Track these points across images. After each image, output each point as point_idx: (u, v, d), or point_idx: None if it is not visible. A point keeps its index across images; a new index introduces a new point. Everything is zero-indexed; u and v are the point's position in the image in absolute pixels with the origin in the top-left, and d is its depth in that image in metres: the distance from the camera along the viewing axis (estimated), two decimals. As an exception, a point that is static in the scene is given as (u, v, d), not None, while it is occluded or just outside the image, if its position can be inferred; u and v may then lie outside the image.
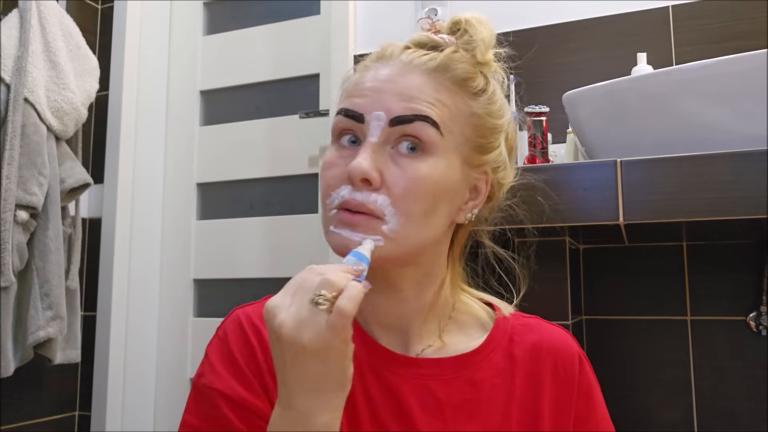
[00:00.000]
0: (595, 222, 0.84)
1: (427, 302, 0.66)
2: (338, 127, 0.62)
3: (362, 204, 0.58)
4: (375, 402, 0.62)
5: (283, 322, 0.49)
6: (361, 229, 0.58)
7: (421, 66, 0.62)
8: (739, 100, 0.84)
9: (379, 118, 0.59)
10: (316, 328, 0.48)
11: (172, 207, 1.79)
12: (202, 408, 0.62)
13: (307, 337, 0.48)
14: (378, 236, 0.58)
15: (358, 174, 0.57)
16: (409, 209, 0.58)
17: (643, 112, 0.91)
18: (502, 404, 0.64)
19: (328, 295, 0.49)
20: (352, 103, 0.61)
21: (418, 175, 0.59)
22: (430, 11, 1.48)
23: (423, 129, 0.59)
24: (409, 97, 0.60)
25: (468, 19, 0.67)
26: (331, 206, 0.60)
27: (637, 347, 1.17)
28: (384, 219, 0.58)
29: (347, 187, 0.59)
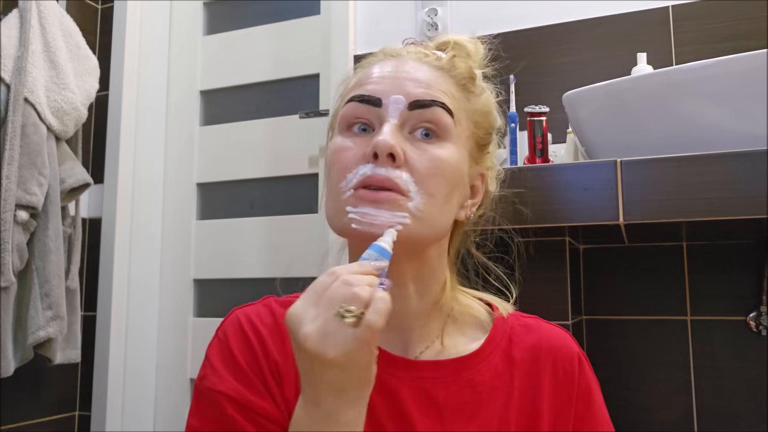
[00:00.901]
0: (595, 222, 0.84)
1: (430, 303, 0.65)
2: (349, 114, 0.62)
3: (388, 178, 0.57)
4: (373, 404, 0.62)
5: (308, 335, 0.48)
6: (386, 205, 0.57)
7: (430, 63, 0.64)
8: (739, 100, 0.84)
9: (398, 101, 0.59)
10: (343, 342, 0.47)
11: (172, 207, 1.79)
12: (207, 411, 0.61)
13: (332, 351, 0.47)
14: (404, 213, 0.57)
15: (386, 147, 0.57)
16: (432, 189, 0.59)
17: (643, 112, 0.91)
18: (501, 406, 0.63)
19: (356, 311, 0.47)
20: (367, 89, 0.61)
21: (438, 157, 0.59)
22: (430, 11, 1.48)
23: (440, 115, 0.60)
24: (425, 84, 0.61)
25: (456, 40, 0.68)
26: (346, 187, 0.58)
27: (637, 347, 1.17)
28: (409, 196, 0.57)
29: (368, 165, 0.58)
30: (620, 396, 1.16)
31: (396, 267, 0.61)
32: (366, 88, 0.62)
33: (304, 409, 0.52)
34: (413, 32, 1.50)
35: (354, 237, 0.59)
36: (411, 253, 0.61)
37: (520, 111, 1.24)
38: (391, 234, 0.56)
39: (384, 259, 0.53)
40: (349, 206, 0.58)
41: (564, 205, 0.85)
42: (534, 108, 1.13)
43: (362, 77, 0.64)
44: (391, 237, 0.55)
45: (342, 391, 0.50)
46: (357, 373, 0.50)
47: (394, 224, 0.56)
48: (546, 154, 1.11)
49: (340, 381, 0.49)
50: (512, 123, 1.19)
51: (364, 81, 0.63)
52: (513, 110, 1.22)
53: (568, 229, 0.92)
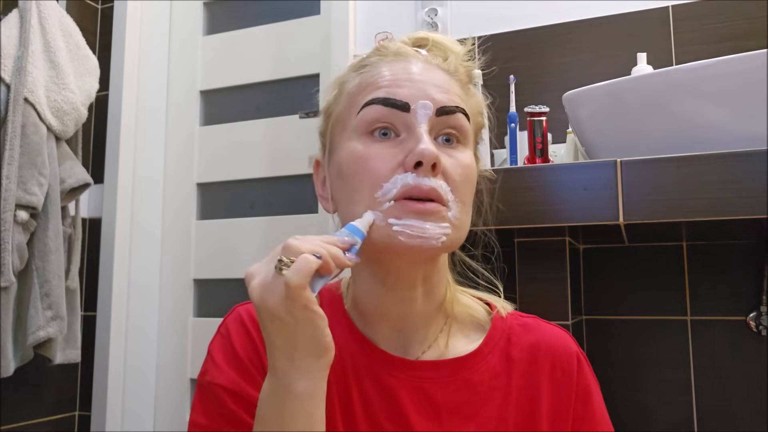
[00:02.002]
0: (595, 222, 0.84)
1: (434, 304, 0.65)
2: (371, 118, 0.59)
3: (433, 189, 0.56)
4: (371, 404, 0.62)
5: (252, 287, 0.51)
6: (432, 217, 0.56)
7: (439, 65, 0.64)
8: (739, 100, 0.84)
9: (426, 107, 0.58)
10: (278, 294, 0.49)
11: (172, 207, 1.79)
12: (209, 406, 0.62)
13: (271, 302, 0.50)
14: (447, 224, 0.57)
15: (432, 158, 0.55)
16: (464, 196, 0.59)
17: (643, 112, 0.91)
18: (499, 406, 0.63)
19: (286, 260, 0.49)
20: (390, 92, 0.59)
21: (466, 164, 0.60)
22: (430, 11, 1.48)
23: (462, 121, 0.61)
24: (446, 90, 0.61)
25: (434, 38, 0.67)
26: (385, 198, 0.56)
27: (637, 347, 1.17)
28: (448, 205, 0.57)
29: (407, 174, 0.56)
30: (620, 396, 1.16)
31: (410, 271, 0.62)
32: (388, 90, 0.59)
33: (266, 381, 0.54)
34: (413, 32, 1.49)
35: (399, 250, 0.56)
36: (429, 259, 0.61)
37: (520, 111, 1.24)
38: (369, 216, 0.56)
39: (356, 237, 0.54)
40: (391, 218, 0.56)
41: (564, 205, 0.85)
42: (534, 108, 1.12)
43: (373, 79, 0.61)
44: (368, 219, 0.56)
45: (293, 356, 0.51)
46: (301, 331, 0.50)
47: (440, 236, 0.56)
48: (546, 154, 1.11)
49: (288, 340, 0.51)
50: (512, 123, 1.19)
51: (378, 83, 0.61)
52: (513, 110, 1.21)
53: (568, 229, 0.92)
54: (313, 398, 0.52)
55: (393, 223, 0.55)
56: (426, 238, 0.55)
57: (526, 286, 0.95)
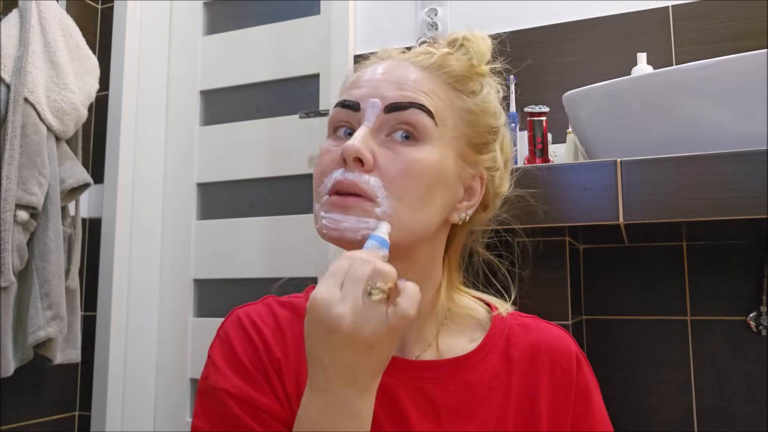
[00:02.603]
0: (595, 222, 0.84)
1: (425, 304, 0.65)
2: (334, 119, 0.63)
3: (354, 183, 0.57)
4: None
5: (341, 316, 0.47)
6: (353, 211, 0.57)
7: (417, 63, 0.64)
8: (739, 100, 0.84)
9: (374, 105, 0.60)
10: (377, 322, 0.48)
11: (172, 207, 1.79)
12: (212, 410, 0.61)
13: (366, 331, 0.48)
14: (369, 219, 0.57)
15: (352, 152, 0.57)
16: (402, 193, 0.58)
17: (643, 112, 0.91)
18: (499, 406, 0.63)
19: (383, 287, 0.48)
20: (349, 94, 0.62)
21: (412, 159, 0.59)
22: (430, 11, 1.48)
23: (418, 116, 0.60)
24: (404, 86, 0.61)
25: (465, 35, 0.67)
26: (323, 192, 0.60)
27: (637, 347, 1.17)
28: (376, 201, 0.57)
29: (339, 169, 0.59)
30: (620, 396, 1.16)
31: None
32: (350, 92, 0.62)
33: (312, 399, 0.51)
34: (413, 32, 1.50)
35: (329, 241, 0.59)
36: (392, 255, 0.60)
37: (520, 111, 1.24)
38: (386, 225, 0.56)
39: (384, 249, 0.54)
40: (322, 212, 0.59)
41: (564, 205, 0.85)
42: (534, 108, 1.12)
43: (349, 82, 0.65)
44: (387, 228, 0.56)
45: (357, 377, 0.50)
46: (383, 356, 0.50)
47: (360, 230, 0.56)
48: (546, 154, 1.11)
49: (360, 364, 0.49)
50: (512, 123, 1.19)
51: (351, 85, 0.64)
52: (513, 110, 1.21)
53: (568, 229, 0.92)
54: (370, 411, 0.52)
55: (323, 216, 0.58)
56: (341, 231, 0.57)
57: (526, 286, 0.95)
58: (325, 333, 0.48)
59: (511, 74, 1.25)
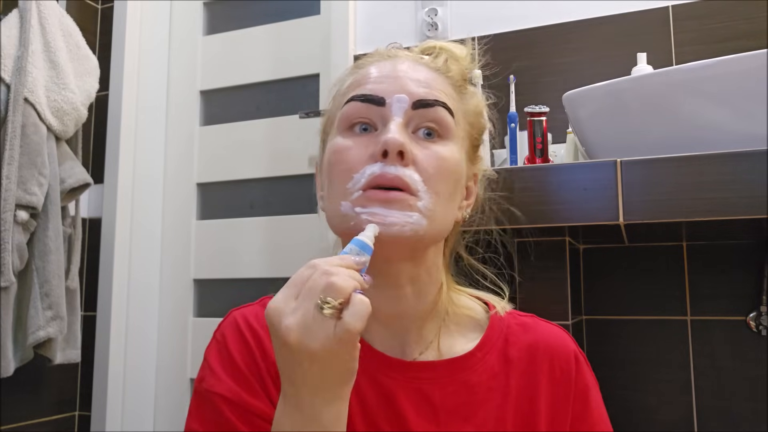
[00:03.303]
0: (595, 222, 0.84)
1: (427, 304, 0.65)
2: (352, 114, 0.61)
3: (398, 177, 0.56)
4: (369, 405, 0.62)
5: (289, 328, 0.47)
6: (397, 205, 0.56)
7: (427, 64, 0.64)
8: (739, 100, 0.84)
9: (401, 101, 0.59)
10: (324, 336, 0.46)
11: (172, 207, 1.79)
12: (205, 413, 0.61)
13: (314, 345, 0.47)
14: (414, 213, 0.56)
15: (396, 145, 0.56)
16: (439, 188, 0.58)
17: (643, 112, 0.91)
18: (497, 407, 0.63)
19: (334, 303, 0.47)
20: (368, 89, 0.61)
21: (443, 156, 0.60)
22: (430, 11, 1.48)
23: (443, 114, 0.61)
24: (426, 84, 0.61)
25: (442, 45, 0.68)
26: (354, 188, 0.57)
27: (637, 347, 1.17)
28: (418, 195, 0.57)
29: (376, 164, 0.57)
30: (620, 396, 1.16)
31: (393, 268, 0.61)
32: (367, 87, 0.61)
33: (284, 412, 0.51)
34: (413, 32, 1.50)
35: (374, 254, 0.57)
36: (411, 254, 0.60)
37: (520, 111, 1.24)
38: (373, 229, 0.55)
39: (365, 254, 0.52)
40: (358, 207, 0.57)
41: (564, 205, 0.85)
42: (534, 108, 1.12)
43: (360, 78, 0.63)
44: (373, 232, 0.55)
45: (322, 388, 0.49)
46: (338, 368, 0.49)
47: (406, 224, 0.56)
48: (546, 154, 1.11)
49: (320, 376, 0.48)
50: (512, 123, 1.19)
51: (363, 81, 0.62)
52: (513, 110, 1.21)
53: (568, 229, 0.92)
54: (340, 421, 0.51)
55: (359, 212, 0.56)
56: (387, 225, 0.55)
57: (526, 286, 0.95)
58: (278, 344, 0.48)
59: (512, 74, 1.25)
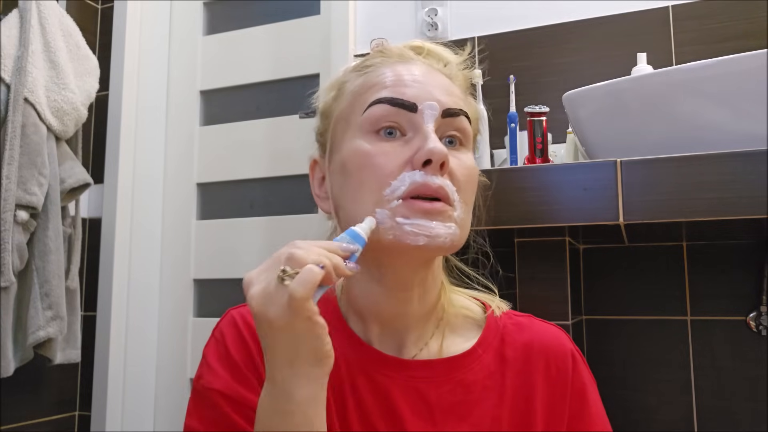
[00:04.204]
0: (595, 222, 0.84)
1: (429, 305, 0.66)
2: (380, 117, 0.59)
3: (441, 187, 0.56)
4: (365, 404, 0.62)
5: (252, 296, 0.50)
6: (439, 217, 0.56)
7: (440, 70, 0.65)
8: (739, 100, 0.84)
9: (433, 108, 0.59)
10: (280, 304, 0.48)
11: (172, 207, 1.79)
12: (204, 410, 0.62)
13: (272, 313, 0.48)
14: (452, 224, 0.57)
15: (442, 156, 0.56)
16: (468, 197, 0.60)
17: (643, 112, 0.91)
18: (493, 406, 0.63)
19: (290, 271, 0.48)
20: (398, 92, 0.60)
21: (469, 165, 0.61)
22: (430, 11, 1.48)
23: (465, 123, 0.62)
24: (450, 92, 0.62)
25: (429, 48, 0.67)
26: (392, 196, 0.56)
27: (637, 347, 1.17)
28: (454, 205, 0.58)
29: (416, 171, 0.56)
30: (620, 396, 1.16)
31: (410, 273, 0.62)
32: (396, 91, 0.60)
33: (265, 387, 0.53)
34: (413, 32, 1.50)
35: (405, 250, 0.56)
36: (427, 261, 0.61)
37: (520, 111, 1.24)
38: (370, 222, 0.55)
39: (357, 244, 0.53)
40: (399, 217, 0.56)
41: (564, 205, 0.85)
42: (534, 108, 1.13)
43: (378, 79, 0.62)
44: (369, 225, 0.55)
45: (293, 364, 0.50)
46: (302, 341, 0.50)
47: (447, 236, 0.56)
48: (546, 154, 1.11)
49: (289, 350, 0.50)
50: (512, 123, 1.19)
51: (385, 83, 0.61)
52: (513, 110, 1.21)
53: (568, 229, 0.92)
54: (315, 405, 0.51)
55: (402, 222, 0.56)
56: (432, 237, 0.56)
57: (526, 286, 0.95)
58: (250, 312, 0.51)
59: (512, 74, 1.25)
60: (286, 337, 0.49)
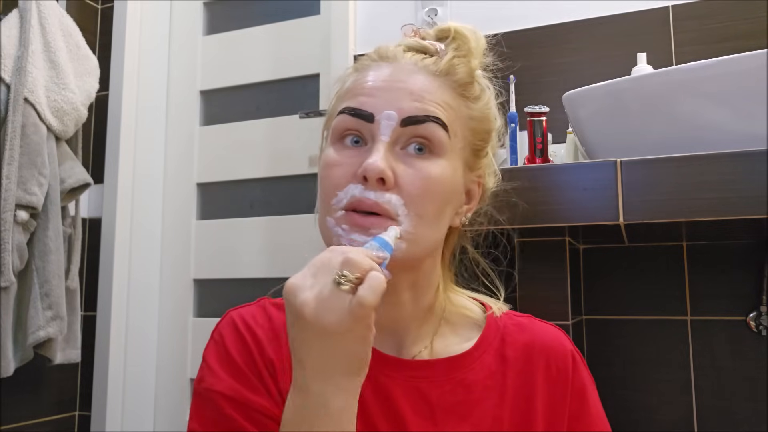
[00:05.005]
0: (595, 222, 0.84)
1: (424, 307, 0.65)
2: (341, 126, 0.60)
3: (376, 203, 0.56)
4: (366, 404, 0.62)
5: (305, 302, 0.47)
6: (373, 230, 0.56)
7: (426, 68, 0.62)
8: (739, 100, 0.84)
9: (390, 118, 0.58)
10: (339, 310, 0.47)
11: (172, 207, 1.79)
12: (206, 413, 0.61)
13: (329, 319, 0.47)
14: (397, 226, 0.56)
15: (376, 173, 0.56)
16: (423, 210, 0.58)
17: (643, 112, 0.91)
18: (494, 406, 0.63)
19: (350, 276, 0.47)
20: (359, 102, 0.60)
21: (430, 176, 0.58)
22: (430, 11, 1.48)
23: (434, 130, 0.59)
24: (419, 97, 0.59)
25: (457, 29, 0.65)
26: (337, 206, 0.58)
27: (637, 347, 1.17)
28: (397, 220, 0.57)
29: (357, 185, 0.57)
30: (620, 396, 1.16)
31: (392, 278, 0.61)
32: (359, 100, 0.60)
33: (293, 398, 0.51)
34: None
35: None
36: (403, 268, 0.60)
37: (520, 111, 1.24)
38: (395, 230, 0.55)
39: (386, 251, 0.53)
40: (339, 228, 0.58)
41: (564, 205, 0.85)
42: (534, 108, 1.12)
43: (356, 84, 0.62)
44: (395, 233, 0.55)
45: (330, 373, 0.49)
46: (353, 349, 0.49)
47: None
48: (546, 154, 1.11)
49: (330, 357, 0.48)
50: (512, 123, 1.19)
51: (358, 90, 0.61)
52: (513, 110, 1.21)
53: (568, 229, 0.92)
54: (348, 414, 0.50)
55: (340, 234, 0.57)
56: None
57: (526, 286, 0.95)
58: (293, 320, 0.49)
59: (511, 74, 1.25)
60: (337, 346, 0.48)
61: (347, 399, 0.50)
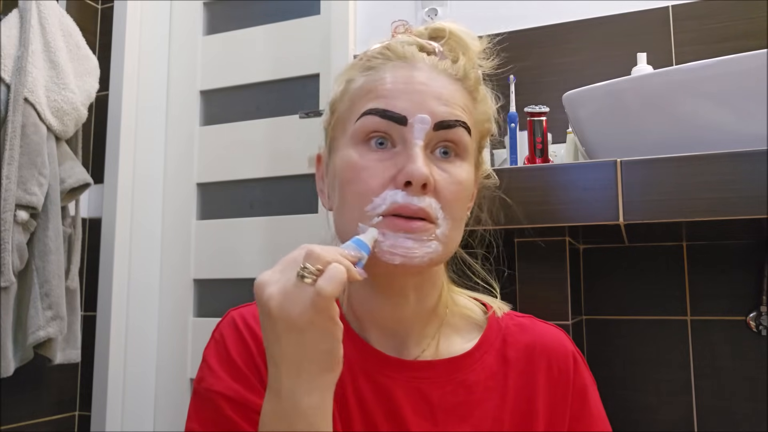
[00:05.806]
0: (595, 222, 0.84)
1: (428, 308, 0.66)
2: (368, 128, 0.59)
3: (421, 209, 0.56)
4: (367, 404, 0.62)
5: (270, 296, 0.48)
6: (419, 235, 0.56)
7: (446, 71, 0.62)
8: (739, 100, 0.84)
9: (424, 122, 0.58)
10: (302, 303, 0.48)
11: (172, 207, 1.79)
12: (205, 413, 0.61)
13: (293, 311, 0.48)
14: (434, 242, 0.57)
15: (422, 179, 0.55)
16: (455, 213, 0.59)
17: (643, 112, 0.91)
18: (495, 406, 0.63)
19: (311, 268, 0.48)
20: (389, 104, 0.59)
21: (461, 179, 0.59)
22: (430, 11, 1.48)
23: (462, 135, 0.60)
24: (447, 102, 0.60)
25: (452, 30, 0.66)
26: (374, 212, 0.57)
27: (637, 347, 1.17)
28: (437, 223, 0.57)
29: (397, 191, 0.56)
30: (620, 396, 1.16)
31: (399, 281, 0.62)
32: (388, 102, 0.59)
33: (267, 398, 0.52)
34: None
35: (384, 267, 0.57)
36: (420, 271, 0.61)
37: (520, 111, 1.24)
38: (373, 232, 0.56)
39: (363, 252, 0.53)
40: (379, 235, 0.56)
41: (564, 205, 0.85)
42: (534, 108, 1.12)
43: (376, 84, 0.61)
44: (372, 235, 0.55)
45: (301, 370, 0.49)
46: (319, 343, 0.49)
47: (426, 255, 0.56)
48: (546, 154, 1.11)
49: (299, 351, 0.49)
50: (512, 123, 1.19)
51: (381, 91, 0.60)
52: (513, 110, 1.21)
53: (568, 229, 0.92)
54: (321, 413, 0.50)
55: (380, 240, 0.56)
56: (409, 258, 0.56)
57: (526, 286, 0.95)
58: (263, 317, 0.50)
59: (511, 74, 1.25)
60: (303, 339, 0.48)
61: (319, 397, 0.50)
